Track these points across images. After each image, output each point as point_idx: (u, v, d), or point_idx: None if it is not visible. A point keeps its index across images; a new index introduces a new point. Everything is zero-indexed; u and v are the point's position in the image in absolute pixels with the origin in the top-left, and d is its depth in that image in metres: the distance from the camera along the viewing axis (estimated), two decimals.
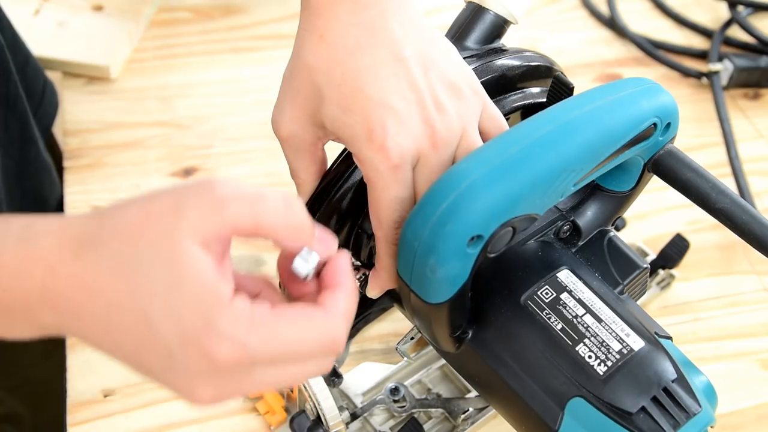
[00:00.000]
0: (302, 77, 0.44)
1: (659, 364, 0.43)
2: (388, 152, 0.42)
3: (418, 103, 0.43)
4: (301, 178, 0.47)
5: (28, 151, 0.72)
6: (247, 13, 0.92)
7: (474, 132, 0.44)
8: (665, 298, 0.70)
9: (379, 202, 0.43)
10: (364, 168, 0.43)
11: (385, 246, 0.44)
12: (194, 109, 0.82)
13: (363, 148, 0.42)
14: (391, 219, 0.43)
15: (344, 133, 0.43)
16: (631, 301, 0.48)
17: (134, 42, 0.87)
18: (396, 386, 0.59)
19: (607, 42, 0.93)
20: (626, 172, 0.48)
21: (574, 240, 0.49)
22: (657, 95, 0.44)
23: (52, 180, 0.77)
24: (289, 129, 0.45)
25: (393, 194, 0.43)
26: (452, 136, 0.43)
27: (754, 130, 0.85)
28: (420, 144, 0.42)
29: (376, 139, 0.42)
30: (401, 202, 0.43)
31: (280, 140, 0.46)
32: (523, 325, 0.45)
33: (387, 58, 0.43)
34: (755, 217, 0.44)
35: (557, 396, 0.43)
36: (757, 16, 0.95)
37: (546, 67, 0.51)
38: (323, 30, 0.43)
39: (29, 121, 0.72)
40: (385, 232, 0.44)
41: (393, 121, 0.42)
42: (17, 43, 0.74)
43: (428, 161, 0.43)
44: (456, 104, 0.44)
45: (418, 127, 0.42)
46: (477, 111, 0.45)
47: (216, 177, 0.37)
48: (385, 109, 0.42)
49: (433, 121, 0.43)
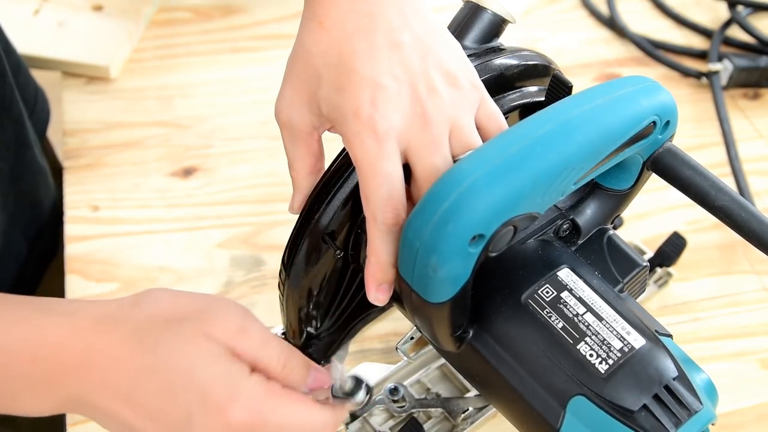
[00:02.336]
0: (302, 62, 0.45)
1: (660, 361, 0.43)
2: (375, 124, 0.42)
3: (409, 83, 0.43)
4: (296, 170, 0.47)
5: (24, 155, 0.72)
6: (247, 13, 0.92)
7: (469, 123, 0.44)
8: (665, 298, 0.70)
9: (366, 178, 0.42)
10: (351, 146, 0.43)
11: (374, 227, 0.43)
12: (194, 109, 0.82)
13: (351, 124, 0.42)
14: (377, 195, 0.42)
15: (336, 114, 0.43)
16: (631, 299, 0.48)
17: (134, 42, 0.87)
18: (395, 386, 0.59)
19: (606, 42, 0.93)
20: (625, 171, 0.48)
21: (573, 238, 0.49)
22: (656, 93, 0.44)
23: (47, 184, 0.77)
24: (287, 113, 0.46)
25: (379, 167, 0.42)
26: (443, 118, 0.43)
27: (754, 130, 0.85)
28: (408, 122, 0.42)
29: (363, 114, 0.42)
30: (388, 177, 0.42)
31: (280, 126, 0.47)
32: (524, 324, 0.45)
33: (383, 42, 0.43)
34: (754, 215, 0.44)
35: (559, 395, 0.43)
36: (757, 16, 0.95)
37: (544, 66, 0.51)
38: (323, 17, 0.44)
39: (25, 125, 0.72)
40: (373, 210, 0.42)
41: (382, 97, 0.42)
42: (9, 49, 0.75)
43: (418, 141, 0.42)
44: (451, 92, 0.44)
45: (407, 105, 0.42)
46: (473, 103, 0.45)
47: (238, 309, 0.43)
48: (375, 87, 0.42)
49: (423, 101, 0.43)
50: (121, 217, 0.73)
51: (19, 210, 0.72)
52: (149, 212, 0.74)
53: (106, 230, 0.72)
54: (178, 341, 0.41)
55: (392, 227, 0.43)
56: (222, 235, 0.72)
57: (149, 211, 0.74)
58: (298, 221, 0.48)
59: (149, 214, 0.73)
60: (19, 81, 0.74)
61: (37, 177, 0.75)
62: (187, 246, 0.71)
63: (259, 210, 0.74)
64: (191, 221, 0.73)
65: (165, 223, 0.73)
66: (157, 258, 0.70)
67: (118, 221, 0.72)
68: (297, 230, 0.48)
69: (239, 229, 0.73)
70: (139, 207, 0.74)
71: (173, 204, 0.74)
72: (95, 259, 0.70)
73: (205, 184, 0.76)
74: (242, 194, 0.75)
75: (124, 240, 0.71)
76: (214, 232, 0.72)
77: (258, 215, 0.74)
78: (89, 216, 0.73)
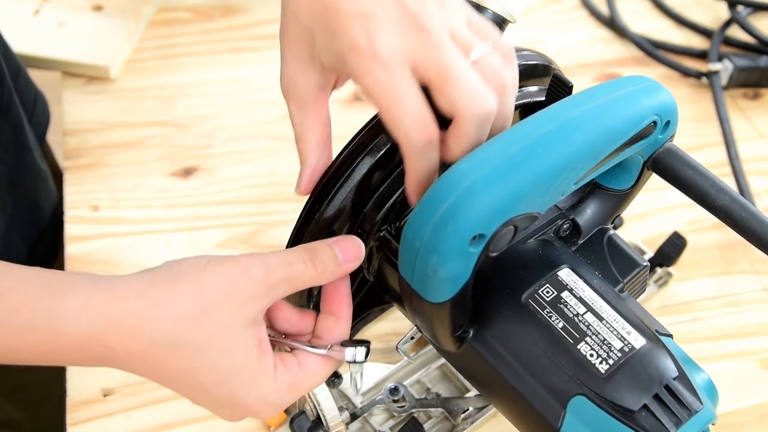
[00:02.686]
0: (292, 26, 0.45)
1: (661, 361, 0.43)
2: (375, 52, 0.41)
3: (396, 4, 0.42)
4: (304, 141, 0.47)
5: (23, 158, 0.72)
6: (247, 13, 0.92)
7: (465, 29, 0.43)
8: (665, 298, 0.70)
9: (387, 107, 0.42)
10: (362, 81, 0.42)
11: (410, 149, 0.42)
12: (194, 109, 0.82)
13: (353, 61, 0.42)
14: (405, 119, 0.41)
15: (337, 59, 0.43)
16: (631, 299, 0.48)
17: (134, 42, 0.87)
18: (395, 386, 0.59)
19: (606, 42, 0.93)
20: (626, 171, 0.48)
21: (574, 238, 0.49)
22: (656, 93, 0.44)
23: (48, 188, 0.77)
24: (292, 79, 0.46)
25: (395, 91, 0.41)
26: (438, 23, 0.42)
27: (754, 129, 0.85)
28: (407, 39, 0.42)
29: (360, 47, 0.42)
30: (407, 97, 0.41)
31: (287, 98, 0.47)
32: (524, 324, 0.45)
33: None
34: (754, 215, 0.44)
35: (559, 394, 0.43)
36: (757, 16, 0.95)
37: (544, 66, 0.51)
38: None
39: (24, 127, 0.71)
40: (405, 134, 0.42)
41: (374, 25, 0.42)
42: (8, 53, 0.74)
43: (422, 51, 0.42)
44: (439, 2, 0.43)
45: (400, 23, 0.42)
46: (464, 14, 0.44)
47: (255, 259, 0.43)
48: (365, 18, 0.42)
49: (414, 13, 0.42)
50: (121, 217, 0.73)
51: (19, 213, 0.72)
52: (149, 212, 0.74)
53: (107, 230, 0.72)
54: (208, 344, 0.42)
55: (428, 145, 0.42)
56: (222, 235, 0.72)
57: (149, 211, 0.74)
58: (299, 221, 0.48)
59: (149, 214, 0.73)
60: (19, 85, 0.74)
61: (37, 180, 0.75)
62: (187, 246, 0.71)
63: (259, 210, 0.74)
64: (191, 221, 0.73)
65: (165, 223, 0.73)
66: (157, 258, 0.70)
67: (118, 221, 0.72)
68: (297, 230, 0.48)
69: (239, 229, 0.73)
70: (139, 207, 0.74)
71: (173, 204, 0.74)
72: (95, 259, 0.70)
73: (205, 184, 0.76)
74: (242, 194, 0.75)
75: (125, 240, 0.71)
76: (214, 232, 0.72)
77: (258, 215, 0.74)
78: (89, 216, 0.73)
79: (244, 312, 0.42)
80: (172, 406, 0.61)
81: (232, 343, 0.42)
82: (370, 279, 0.51)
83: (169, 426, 0.60)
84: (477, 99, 0.42)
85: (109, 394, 0.61)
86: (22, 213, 0.72)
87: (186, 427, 0.60)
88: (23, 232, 0.73)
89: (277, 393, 0.44)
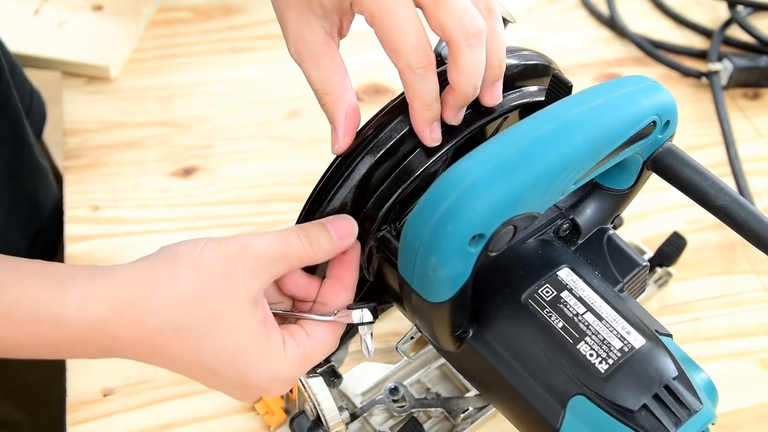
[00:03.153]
0: None
1: (660, 361, 0.43)
2: None
3: None
4: (328, 93, 0.46)
5: (22, 153, 0.72)
6: (247, 13, 0.92)
7: None
8: (665, 298, 0.70)
9: (389, 31, 0.43)
10: (364, 9, 0.43)
11: (411, 74, 0.43)
12: (194, 109, 0.82)
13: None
14: (407, 44, 0.43)
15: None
16: (631, 299, 0.48)
17: (134, 42, 0.87)
18: (395, 386, 0.59)
19: (606, 42, 0.93)
20: (625, 170, 0.48)
21: (573, 238, 0.49)
22: (656, 93, 0.44)
23: (48, 184, 0.77)
24: (299, 34, 0.46)
25: (396, 15, 0.42)
26: None
27: (754, 129, 0.85)
28: None
29: None
30: (408, 22, 0.42)
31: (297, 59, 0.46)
32: (524, 324, 0.45)
33: None
34: (754, 215, 0.44)
35: (559, 394, 0.43)
36: (757, 16, 0.95)
37: (544, 66, 0.51)
38: None
39: (22, 122, 0.71)
40: (406, 59, 0.43)
41: None
42: (4, 50, 0.74)
43: None
44: None
45: None
46: None
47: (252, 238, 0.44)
48: None
49: None
50: (121, 217, 0.73)
51: (17, 208, 0.72)
52: (149, 212, 0.74)
53: (106, 230, 0.72)
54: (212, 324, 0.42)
55: (428, 68, 0.43)
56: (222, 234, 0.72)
57: (149, 211, 0.74)
58: (298, 221, 0.48)
59: (149, 213, 0.73)
60: (15, 82, 0.74)
61: (36, 175, 0.75)
62: None
63: (259, 210, 0.74)
64: (191, 221, 0.73)
65: (165, 223, 0.73)
66: None
67: (118, 221, 0.73)
68: None
69: (239, 229, 0.73)
70: (139, 207, 0.74)
71: (173, 204, 0.74)
72: (95, 259, 0.70)
73: (205, 184, 0.76)
74: (242, 194, 0.75)
75: (125, 240, 0.71)
76: (214, 232, 0.72)
77: (258, 215, 0.74)
78: (89, 216, 0.73)
79: (245, 290, 0.43)
80: (172, 406, 0.61)
81: (235, 321, 0.43)
82: (370, 279, 0.51)
83: (169, 426, 0.60)
84: (466, 18, 0.43)
85: (109, 394, 0.61)
86: (20, 208, 0.72)
87: (186, 427, 0.60)
88: (22, 227, 0.73)
89: (290, 367, 0.45)
